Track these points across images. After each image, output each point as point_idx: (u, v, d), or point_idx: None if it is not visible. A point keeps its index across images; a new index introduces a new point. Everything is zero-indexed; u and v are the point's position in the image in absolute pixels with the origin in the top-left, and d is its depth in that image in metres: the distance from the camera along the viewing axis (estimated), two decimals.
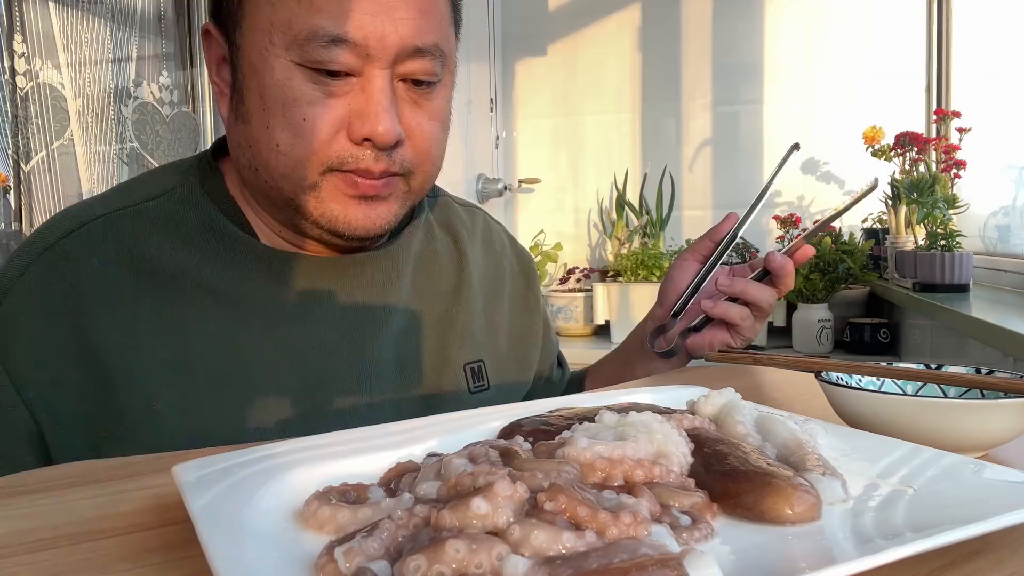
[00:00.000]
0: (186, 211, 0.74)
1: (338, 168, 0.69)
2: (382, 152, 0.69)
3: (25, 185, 1.68)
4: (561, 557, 0.32)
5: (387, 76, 0.68)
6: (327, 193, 0.70)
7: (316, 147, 0.68)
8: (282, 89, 0.67)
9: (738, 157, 2.67)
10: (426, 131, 0.72)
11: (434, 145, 0.74)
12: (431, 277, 0.85)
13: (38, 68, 1.69)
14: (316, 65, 0.67)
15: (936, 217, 1.83)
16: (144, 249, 0.71)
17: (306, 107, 0.67)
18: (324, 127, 0.68)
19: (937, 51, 2.42)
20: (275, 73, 0.67)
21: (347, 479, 0.45)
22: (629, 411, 0.50)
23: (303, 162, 0.69)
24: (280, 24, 0.67)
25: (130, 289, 0.69)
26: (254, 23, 0.68)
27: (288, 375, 0.72)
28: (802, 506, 0.39)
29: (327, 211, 0.71)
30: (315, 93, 0.67)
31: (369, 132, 0.67)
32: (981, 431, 0.54)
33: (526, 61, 2.92)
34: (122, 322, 0.68)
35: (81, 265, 0.69)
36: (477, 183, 2.78)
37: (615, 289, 2.51)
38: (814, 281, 2.26)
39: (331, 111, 0.68)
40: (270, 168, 0.70)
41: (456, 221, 0.91)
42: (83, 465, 0.56)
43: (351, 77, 0.68)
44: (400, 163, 0.71)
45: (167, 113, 1.95)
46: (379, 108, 0.67)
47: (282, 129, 0.68)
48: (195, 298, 0.71)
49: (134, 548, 0.41)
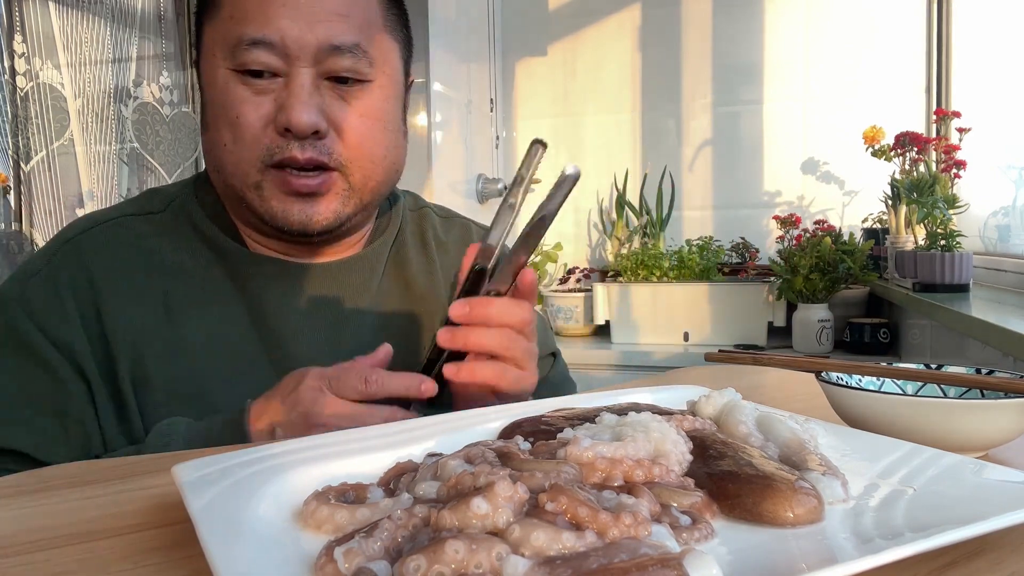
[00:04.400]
0: (182, 221, 0.84)
1: (271, 163, 0.77)
2: (306, 142, 0.76)
3: (25, 185, 1.68)
4: (561, 557, 0.32)
5: (309, 74, 0.76)
6: (268, 192, 0.78)
7: (250, 141, 0.77)
8: (222, 94, 0.77)
9: (738, 157, 2.67)
10: (355, 126, 0.79)
11: (367, 140, 0.80)
12: (402, 283, 0.91)
13: (38, 68, 1.69)
14: (243, 67, 0.76)
15: (936, 217, 1.83)
16: (149, 247, 0.82)
17: (239, 105, 0.76)
18: (254, 121, 0.76)
19: (937, 51, 2.42)
20: (217, 81, 0.78)
21: (346, 479, 0.45)
22: (629, 411, 0.50)
23: (244, 157, 0.77)
24: (219, 39, 0.78)
25: (137, 278, 0.80)
26: (205, 45, 0.80)
27: (265, 365, 0.80)
28: (803, 508, 0.39)
29: (269, 208, 0.79)
30: (245, 93, 0.77)
31: (286, 121, 0.75)
32: (981, 431, 0.54)
33: (526, 61, 2.91)
34: (127, 305, 0.79)
35: (96, 256, 0.81)
36: (477, 183, 2.78)
37: (615, 289, 2.51)
38: (814, 281, 2.25)
39: (260, 107, 0.76)
40: (223, 167, 0.79)
41: (429, 231, 0.97)
42: (83, 465, 0.56)
43: (277, 77, 0.77)
44: (329, 155, 0.77)
45: (167, 113, 1.95)
46: (295, 100, 0.75)
47: (225, 128, 0.78)
48: (190, 292, 0.81)
49: (134, 548, 0.41)
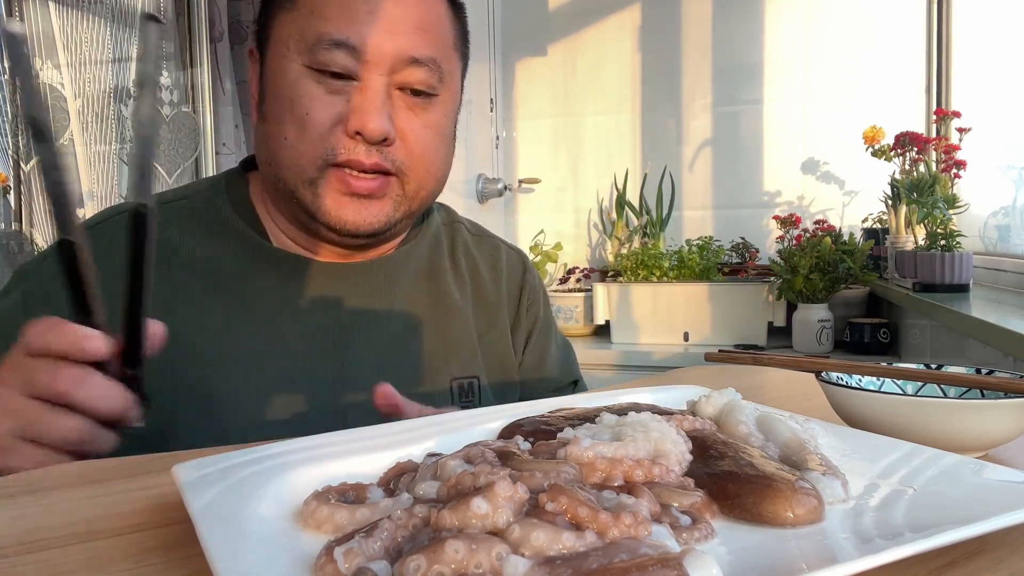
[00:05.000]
0: (205, 210, 0.83)
1: (333, 162, 0.76)
2: (373, 147, 0.76)
3: (25, 185, 1.68)
4: (561, 557, 0.32)
5: (384, 82, 0.76)
6: (323, 189, 0.77)
7: (315, 139, 0.75)
8: (292, 88, 0.76)
9: (738, 157, 2.67)
10: (419, 136, 0.79)
11: (428, 151, 0.80)
12: (428, 292, 0.89)
13: (38, 68, 1.69)
14: (320, 66, 0.75)
15: (936, 217, 1.83)
16: (166, 236, 0.79)
17: (309, 102, 0.75)
18: (323, 120, 0.75)
19: (937, 51, 2.42)
20: (288, 75, 0.77)
21: (346, 479, 0.45)
22: (629, 411, 0.50)
23: (304, 154, 0.76)
24: (295, 34, 0.77)
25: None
26: (276, 37, 0.79)
27: (273, 365, 0.78)
28: (803, 509, 0.39)
29: (322, 206, 0.77)
30: (318, 91, 0.76)
31: (359, 125, 0.75)
32: (981, 431, 0.54)
33: (526, 61, 2.91)
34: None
35: (113, 241, 0.76)
36: (477, 183, 2.78)
37: (615, 289, 2.51)
38: (814, 281, 2.25)
39: (331, 107, 0.75)
40: (278, 160, 0.78)
41: (460, 246, 0.97)
42: (83, 465, 0.56)
43: (352, 80, 0.76)
44: (392, 161, 0.77)
45: (167, 113, 1.95)
46: (371, 106, 0.75)
47: (289, 124, 0.76)
48: (204, 284, 0.79)
49: (134, 548, 0.41)
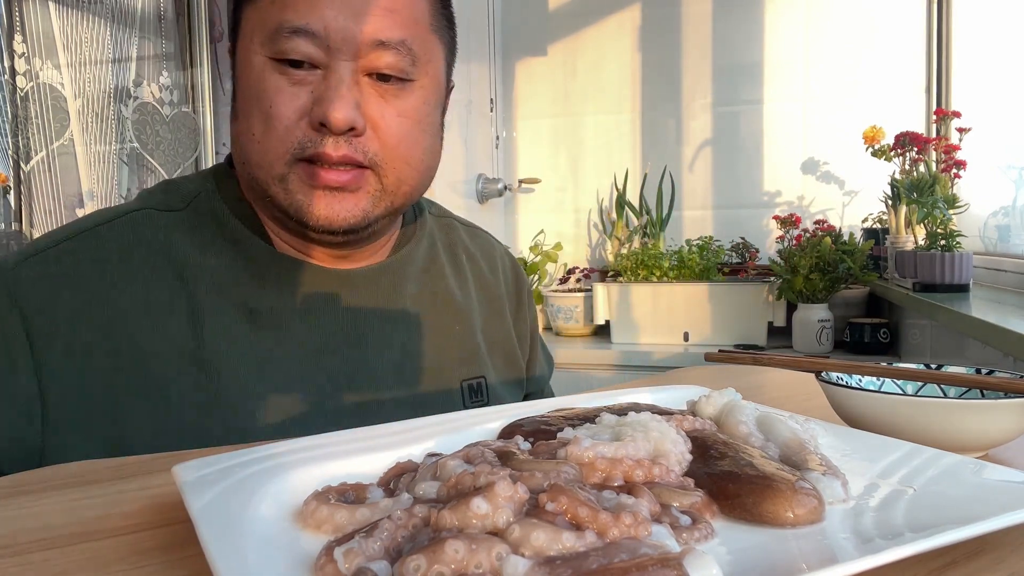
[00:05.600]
0: (207, 221, 0.79)
1: (301, 155, 0.72)
2: (341, 138, 0.72)
3: (25, 185, 1.68)
4: (561, 557, 0.32)
5: (350, 68, 0.72)
6: (294, 184, 0.73)
7: (281, 133, 0.72)
8: (257, 81, 0.73)
9: (738, 157, 2.67)
10: (393, 125, 0.74)
11: (404, 141, 0.75)
12: (432, 293, 0.87)
13: (38, 68, 1.69)
14: (281, 56, 0.72)
15: (936, 217, 1.83)
16: (168, 243, 0.76)
17: (273, 95, 0.72)
18: (288, 113, 0.72)
19: (937, 51, 2.42)
20: (253, 68, 0.73)
21: (346, 479, 0.45)
22: (628, 411, 0.50)
23: (272, 150, 0.73)
24: (258, 25, 0.73)
25: (151, 272, 0.74)
26: (243, 30, 0.76)
27: (282, 374, 0.75)
28: (803, 509, 0.39)
29: (294, 201, 0.74)
30: (281, 82, 0.72)
31: (323, 116, 0.70)
32: (981, 431, 0.54)
33: (526, 61, 2.91)
34: (140, 301, 0.73)
35: (111, 245, 0.75)
36: (477, 183, 2.78)
37: (615, 289, 2.51)
38: (814, 281, 2.25)
39: (295, 99, 0.72)
40: (249, 157, 0.75)
41: (458, 242, 0.94)
42: (83, 465, 0.56)
43: (316, 69, 0.72)
44: (364, 152, 0.73)
45: (167, 113, 1.95)
46: (334, 94, 0.71)
47: (256, 118, 0.73)
48: (208, 293, 0.75)
49: (134, 548, 0.41)
